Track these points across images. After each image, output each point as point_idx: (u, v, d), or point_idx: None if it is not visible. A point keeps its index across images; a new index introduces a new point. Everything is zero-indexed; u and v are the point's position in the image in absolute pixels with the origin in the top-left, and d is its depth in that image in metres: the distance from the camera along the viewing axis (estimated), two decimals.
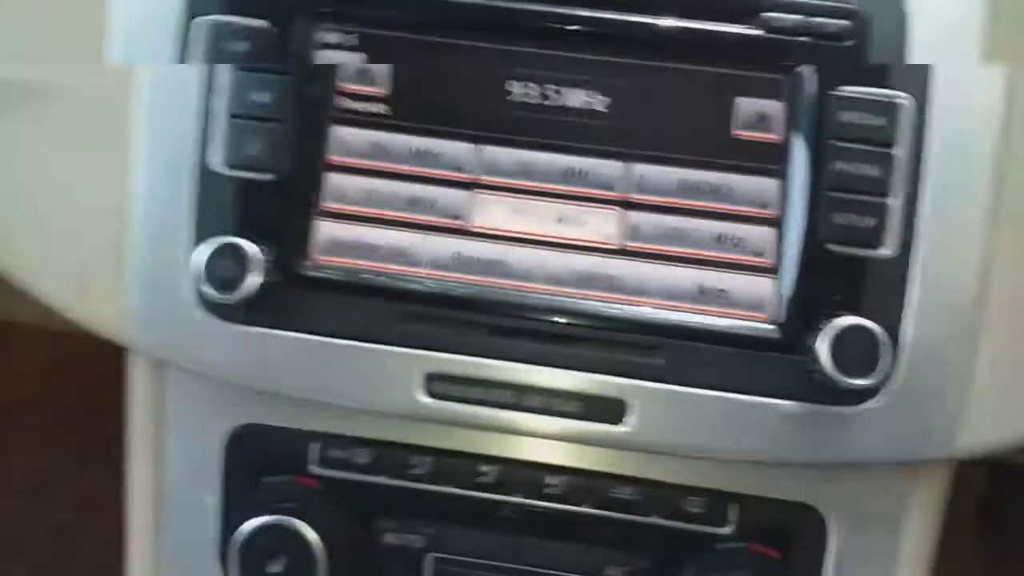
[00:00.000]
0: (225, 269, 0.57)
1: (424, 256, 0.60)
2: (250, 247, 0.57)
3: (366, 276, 0.60)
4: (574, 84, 0.59)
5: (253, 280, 0.56)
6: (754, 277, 0.59)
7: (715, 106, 0.59)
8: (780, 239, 0.58)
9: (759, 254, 0.59)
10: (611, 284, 0.59)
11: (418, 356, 0.59)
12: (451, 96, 0.60)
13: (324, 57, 0.60)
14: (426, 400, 0.59)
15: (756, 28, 0.57)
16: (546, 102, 0.59)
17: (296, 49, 0.59)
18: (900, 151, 0.56)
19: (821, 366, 0.54)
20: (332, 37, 0.60)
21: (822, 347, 0.54)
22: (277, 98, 0.59)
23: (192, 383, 0.65)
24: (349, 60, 0.60)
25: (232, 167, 0.59)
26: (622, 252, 0.59)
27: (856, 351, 0.54)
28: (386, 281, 0.59)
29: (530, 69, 0.59)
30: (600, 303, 0.59)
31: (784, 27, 0.57)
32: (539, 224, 0.60)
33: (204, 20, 0.60)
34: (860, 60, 0.57)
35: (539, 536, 0.63)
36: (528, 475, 0.63)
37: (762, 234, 0.59)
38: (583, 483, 0.63)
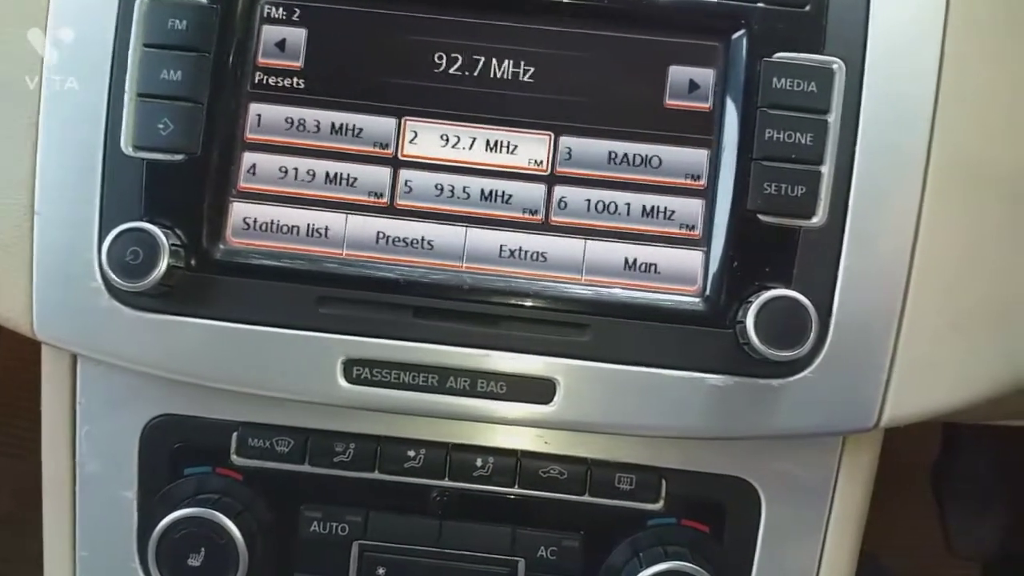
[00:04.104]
0: (132, 256, 0.54)
1: (344, 236, 0.58)
2: (158, 232, 0.54)
3: (283, 258, 0.57)
4: (501, 54, 0.58)
5: (161, 267, 0.54)
6: (683, 250, 0.58)
7: (647, 75, 0.58)
8: (710, 210, 0.57)
9: (689, 226, 0.58)
10: (537, 260, 0.58)
11: (337, 341, 0.57)
12: (376, 69, 0.58)
13: (264, 32, 0.58)
14: (346, 386, 0.57)
15: None
16: (472, 73, 0.58)
17: (235, 27, 0.57)
18: (833, 118, 0.56)
19: (749, 339, 0.54)
20: (275, 11, 0.58)
21: (750, 320, 0.54)
22: (189, 76, 0.56)
23: (104, 374, 0.62)
24: (282, 34, 0.58)
25: (139, 148, 0.57)
26: (548, 227, 0.58)
27: (784, 323, 0.54)
28: (304, 264, 0.57)
29: (459, 39, 0.58)
30: (526, 280, 0.57)
31: None
32: (463, 200, 0.58)
33: None
34: (803, 25, 0.56)
35: (469, 520, 0.63)
36: (457, 458, 0.62)
37: (692, 206, 0.58)
38: (513, 464, 0.62)
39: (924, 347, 0.57)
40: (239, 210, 0.58)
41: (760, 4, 0.56)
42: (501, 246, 0.58)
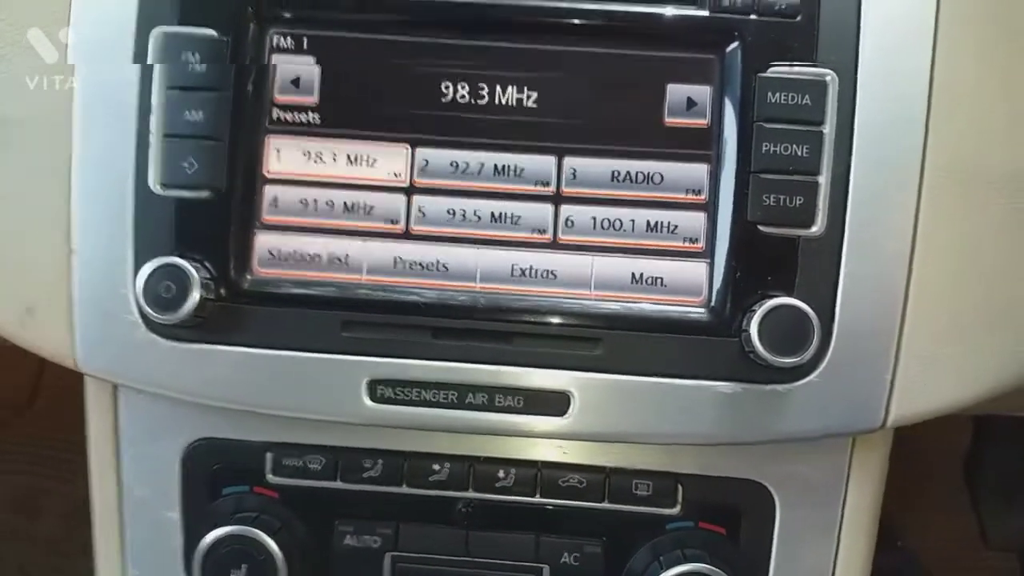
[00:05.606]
0: (165, 289, 0.57)
1: (363, 262, 0.61)
2: (189, 266, 0.57)
3: (308, 286, 0.60)
4: (505, 81, 0.60)
5: (194, 299, 0.57)
6: (688, 263, 0.60)
7: (646, 94, 0.59)
8: (712, 223, 0.59)
9: (692, 240, 0.60)
10: (547, 278, 0.60)
11: (361, 363, 0.59)
12: (387, 101, 0.60)
13: (274, 62, 0.60)
14: (371, 405, 0.60)
15: (700, 8, 0.58)
16: (478, 101, 0.60)
17: (246, 58, 0.59)
18: (828, 128, 0.57)
19: (754, 346, 0.56)
20: (284, 42, 0.60)
21: (754, 328, 0.56)
22: (210, 115, 0.59)
23: (144, 401, 0.65)
24: (293, 68, 0.60)
25: (167, 187, 0.60)
26: (556, 246, 0.60)
27: (787, 330, 0.56)
28: (328, 290, 0.60)
29: (462, 66, 0.60)
30: (538, 298, 0.60)
31: (733, 5, 0.57)
32: (475, 223, 0.60)
33: (159, 31, 0.59)
34: (796, 36, 0.57)
35: (495, 529, 0.65)
36: (480, 470, 0.65)
37: (695, 220, 0.59)
38: (533, 474, 0.64)
39: (927, 347, 0.59)
40: (264, 241, 0.61)
41: (753, 16, 0.57)
42: (512, 266, 0.60)
